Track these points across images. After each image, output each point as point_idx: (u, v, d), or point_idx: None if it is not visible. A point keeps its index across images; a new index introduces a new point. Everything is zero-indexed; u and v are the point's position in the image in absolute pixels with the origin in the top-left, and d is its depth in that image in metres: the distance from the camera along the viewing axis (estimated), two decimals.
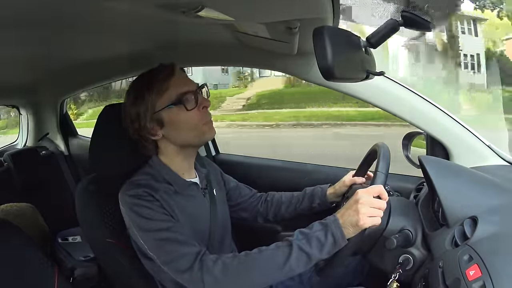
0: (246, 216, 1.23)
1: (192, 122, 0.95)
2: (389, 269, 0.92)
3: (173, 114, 0.95)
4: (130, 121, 0.97)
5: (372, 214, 0.82)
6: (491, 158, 1.10)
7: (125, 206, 0.93)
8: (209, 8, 0.68)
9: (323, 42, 0.64)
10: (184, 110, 0.94)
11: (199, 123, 0.96)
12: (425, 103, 1.11)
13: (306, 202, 1.18)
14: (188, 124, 0.95)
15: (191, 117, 0.95)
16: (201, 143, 1.05)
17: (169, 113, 0.95)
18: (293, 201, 1.20)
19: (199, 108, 0.96)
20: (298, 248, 0.82)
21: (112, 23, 0.89)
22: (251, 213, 1.23)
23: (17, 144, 2.24)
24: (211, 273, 0.83)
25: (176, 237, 0.88)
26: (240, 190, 1.23)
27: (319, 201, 1.16)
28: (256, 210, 1.22)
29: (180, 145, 0.99)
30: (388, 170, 0.90)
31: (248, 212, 1.22)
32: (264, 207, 1.22)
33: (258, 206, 1.22)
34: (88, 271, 1.64)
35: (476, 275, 0.66)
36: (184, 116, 0.94)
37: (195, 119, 0.95)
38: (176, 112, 0.94)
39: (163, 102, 0.94)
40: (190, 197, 1.00)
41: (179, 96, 0.94)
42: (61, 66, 1.54)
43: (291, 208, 1.20)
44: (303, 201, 1.19)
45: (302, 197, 1.19)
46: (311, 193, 1.19)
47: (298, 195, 1.21)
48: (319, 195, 1.17)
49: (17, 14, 0.72)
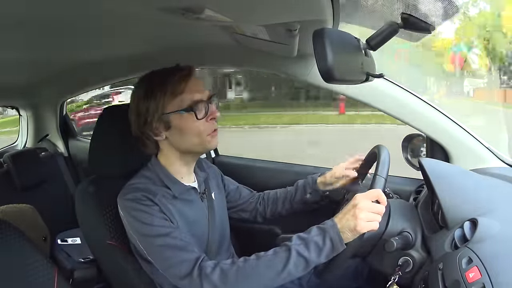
0: (246, 216, 1.23)
1: (198, 131, 0.94)
2: (389, 272, 0.92)
3: (181, 120, 0.94)
4: (136, 116, 0.96)
5: (370, 219, 0.81)
6: (490, 160, 1.10)
7: (124, 210, 0.92)
8: (209, 10, 0.69)
9: (323, 44, 0.64)
10: (193, 118, 0.93)
11: (204, 133, 0.95)
12: (425, 105, 1.12)
13: (298, 195, 1.19)
14: (193, 132, 0.94)
15: (198, 126, 0.94)
16: (203, 152, 1.06)
17: (177, 118, 0.94)
18: (288, 196, 1.20)
19: (207, 118, 0.95)
20: (296, 253, 0.82)
21: (112, 25, 0.89)
22: (251, 213, 1.23)
23: (17, 145, 2.23)
24: (210, 280, 0.83)
25: (176, 243, 0.88)
26: (240, 192, 1.23)
27: (310, 190, 1.17)
28: (256, 209, 1.22)
29: (182, 151, 0.99)
30: (387, 174, 0.90)
31: (248, 213, 1.23)
32: (262, 206, 1.22)
33: (257, 205, 1.22)
34: (87, 273, 1.63)
35: (475, 277, 0.66)
36: (192, 124, 0.94)
37: (201, 129, 0.95)
38: (185, 119, 0.93)
39: (174, 105, 0.93)
40: (188, 202, 1.00)
41: (191, 104, 0.93)
42: (61, 68, 1.54)
43: (286, 203, 1.20)
44: (296, 193, 1.19)
45: (295, 190, 1.20)
46: (302, 184, 1.19)
47: (291, 189, 1.21)
48: (310, 184, 1.17)
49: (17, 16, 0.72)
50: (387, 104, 1.12)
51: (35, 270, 0.97)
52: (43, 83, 1.79)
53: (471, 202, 0.87)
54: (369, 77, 0.80)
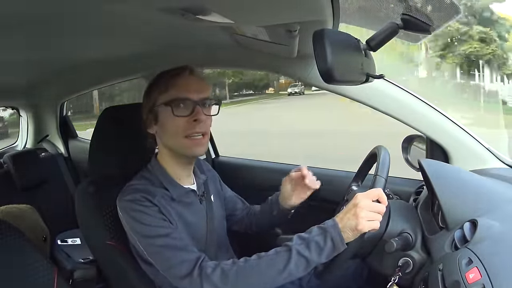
0: (236, 229, 1.22)
1: (175, 129, 0.94)
2: (389, 272, 0.92)
3: (163, 114, 0.96)
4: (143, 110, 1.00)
5: (371, 218, 0.81)
6: (490, 161, 1.10)
7: (123, 211, 0.92)
8: (209, 11, 0.69)
9: (323, 45, 0.64)
10: (171, 114, 0.93)
11: (181, 133, 0.94)
12: (425, 106, 1.11)
13: (267, 212, 1.16)
14: (172, 129, 0.95)
15: (176, 124, 0.94)
16: (186, 155, 0.99)
17: (162, 112, 0.95)
18: (263, 211, 1.18)
19: (190, 119, 0.94)
20: (297, 253, 0.82)
21: (112, 26, 0.89)
22: (241, 226, 1.22)
23: (17, 146, 2.23)
24: (210, 280, 0.83)
25: (175, 243, 0.88)
26: (234, 203, 1.21)
27: (276, 210, 1.13)
28: (245, 223, 1.21)
29: (170, 149, 0.99)
30: (387, 174, 0.90)
31: (238, 226, 1.22)
32: (248, 220, 1.21)
33: (246, 219, 1.21)
34: (87, 273, 1.63)
35: (475, 278, 0.66)
36: (171, 120, 0.94)
37: (179, 128, 0.94)
38: (166, 113, 0.95)
39: (162, 99, 0.95)
40: (187, 204, 1.00)
41: (173, 99, 0.94)
42: (61, 68, 1.54)
43: (265, 218, 1.17)
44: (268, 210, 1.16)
45: (269, 206, 1.16)
46: (270, 201, 1.16)
47: (264, 205, 1.18)
48: (274, 202, 1.14)
49: (17, 16, 0.72)
50: (387, 105, 1.11)
51: (35, 270, 0.97)
52: (43, 84, 1.80)
53: (471, 203, 0.87)
54: (369, 78, 0.80)
